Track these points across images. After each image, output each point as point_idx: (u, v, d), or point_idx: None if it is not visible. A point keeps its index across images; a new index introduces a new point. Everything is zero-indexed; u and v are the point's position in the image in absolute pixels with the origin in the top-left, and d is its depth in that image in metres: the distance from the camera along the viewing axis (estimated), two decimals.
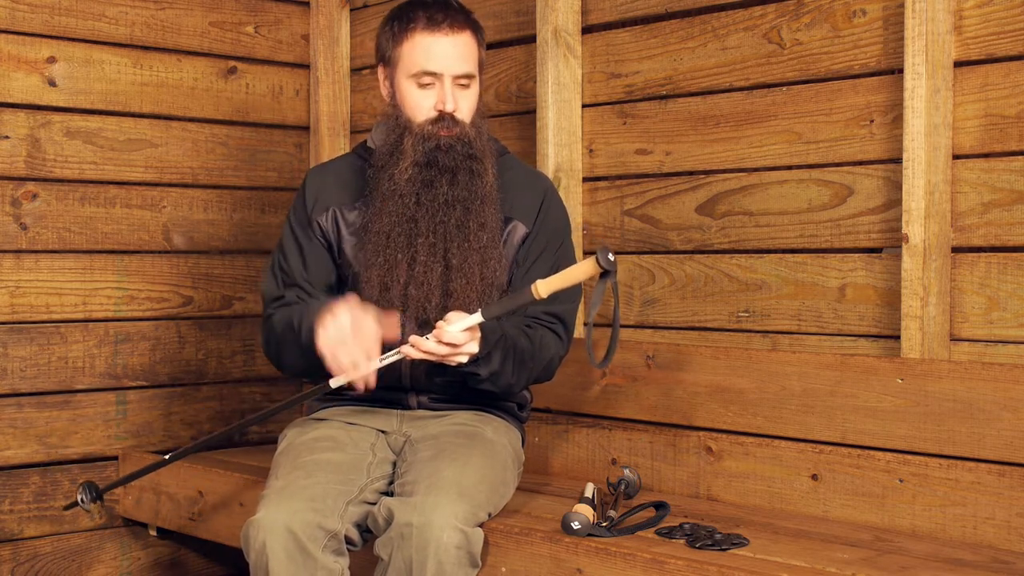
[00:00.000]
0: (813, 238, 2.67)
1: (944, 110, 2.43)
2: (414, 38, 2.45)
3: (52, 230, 3.17)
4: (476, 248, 2.42)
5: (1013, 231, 2.38)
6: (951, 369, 2.35)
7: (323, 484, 2.30)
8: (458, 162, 2.44)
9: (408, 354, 2.28)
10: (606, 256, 2.17)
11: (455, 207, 2.42)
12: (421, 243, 2.41)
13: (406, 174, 2.43)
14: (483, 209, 2.44)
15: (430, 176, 2.43)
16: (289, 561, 2.20)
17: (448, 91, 2.45)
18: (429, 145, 2.43)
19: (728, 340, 2.80)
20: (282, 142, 3.61)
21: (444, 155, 2.43)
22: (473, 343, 2.28)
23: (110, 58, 3.25)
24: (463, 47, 2.46)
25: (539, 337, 2.46)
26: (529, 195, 2.57)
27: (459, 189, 2.43)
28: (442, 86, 2.45)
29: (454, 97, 2.45)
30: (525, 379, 2.46)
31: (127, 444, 3.31)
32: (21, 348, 3.13)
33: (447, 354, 2.27)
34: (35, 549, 3.18)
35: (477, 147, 2.46)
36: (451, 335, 2.25)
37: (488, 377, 2.38)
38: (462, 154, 2.44)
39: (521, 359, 2.41)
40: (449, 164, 2.43)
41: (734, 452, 2.66)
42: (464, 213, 2.43)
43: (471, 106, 2.49)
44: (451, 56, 2.44)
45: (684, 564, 2.11)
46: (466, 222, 2.43)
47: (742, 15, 2.77)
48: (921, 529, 2.38)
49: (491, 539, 2.33)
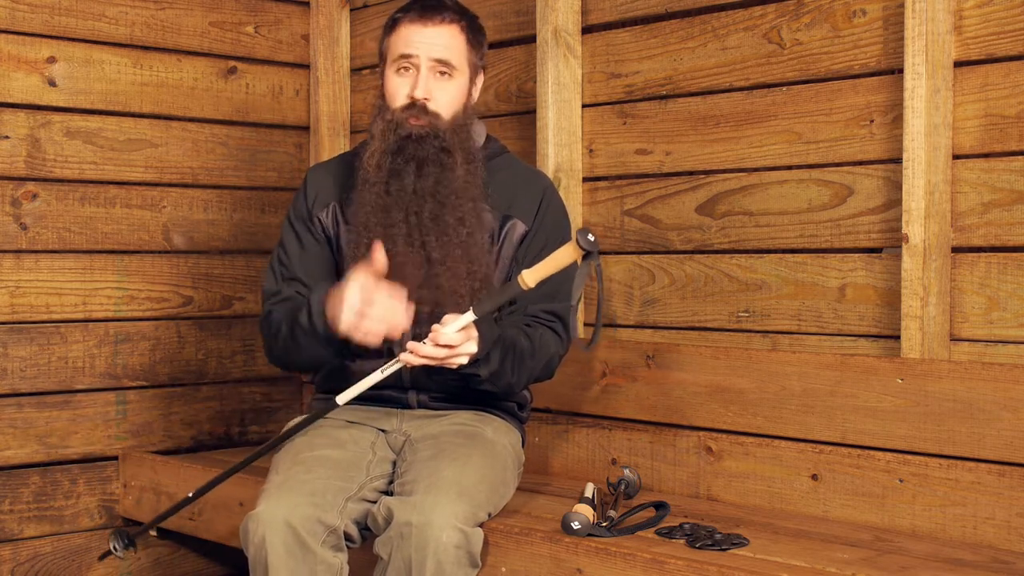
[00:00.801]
0: (813, 238, 2.67)
1: (944, 110, 2.43)
2: (400, 28, 2.48)
3: (52, 230, 3.17)
4: (457, 243, 2.42)
5: (1013, 231, 2.38)
6: (951, 369, 2.35)
7: (323, 480, 2.30)
8: (427, 153, 2.43)
9: (408, 361, 2.28)
10: (586, 237, 2.17)
11: (426, 199, 2.42)
12: (395, 232, 2.41)
13: (374, 159, 2.45)
14: (460, 203, 2.43)
15: (397, 165, 2.43)
16: (288, 555, 2.20)
17: (423, 77, 2.44)
18: (400, 133, 2.43)
19: (728, 340, 2.80)
20: (282, 142, 3.61)
21: (412, 144, 2.43)
22: (471, 343, 2.28)
23: (110, 58, 3.25)
24: (446, 37, 2.46)
25: (538, 336, 2.46)
26: (528, 193, 2.57)
27: (427, 181, 2.42)
28: (417, 72, 2.45)
29: (427, 86, 2.44)
30: (526, 378, 2.46)
31: (127, 444, 3.31)
32: (21, 348, 3.13)
33: (445, 356, 2.27)
34: (35, 549, 3.18)
35: (449, 141, 2.44)
36: (447, 336, 2.25)
37: (488, 377, 2.38)
38: (432, 146, 2.43)
39: (521, 358, 2.41)
40: (416, 154, 2.43)
41: (734, 452, 2.66)
42: (438, 206, 2.42)
43: (450, 99, 2.47)
44: (429, 41, 2.44)
45: (684, 564, 2.11)
46: (442, 215, 2.42)
47: (742, 15, 2.77)
48: (921, 529, 2.38)
49: (491, 539, 2.33)
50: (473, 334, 2.29)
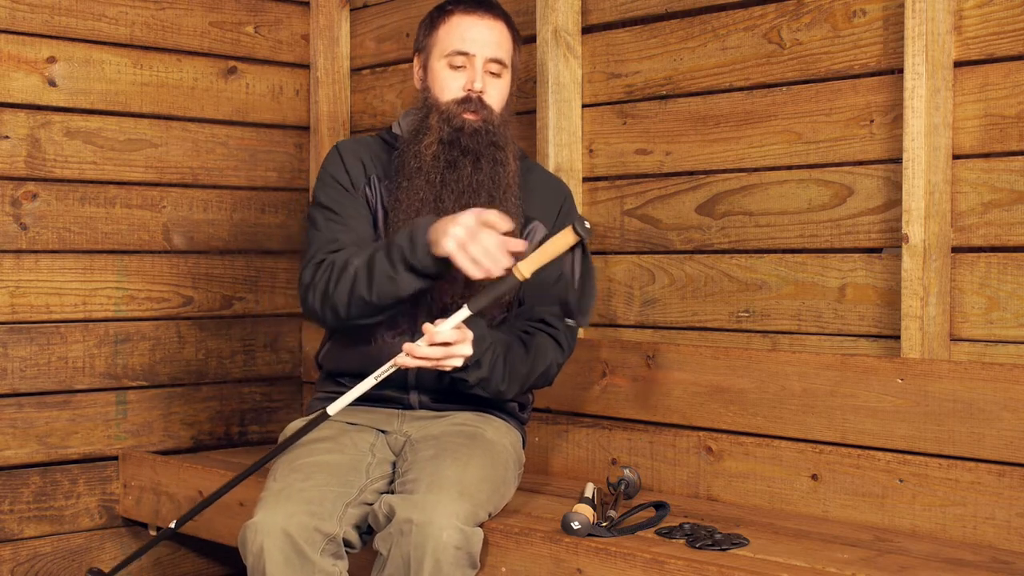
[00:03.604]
0: (813, 238, 2.67)
1: (944, 110, 2.43)
2: (451, 20, 2.51)
3: (52, 230, 3.17)
4: None
5: (1013, 231, 2.38)
6: (951, 369, 2.35)
7: (321, 487, 2.29)
8: (482, 148, 2.46)
9: (403, 363, 2.27)
10: (583, 224, 2.20)
11: (479, 193, 2.44)
12: None
13: (431, 150, 2.46)
14: (506, 199, 2.47)
15: (453, 157, 2.45)
16: (287, 565, 2.20)
17: (479, 72, 2.49)
18: (454, 124, 2.46)
19: (728, 340, 2.80)
20: (282, 142, 3.61)
21: (468, 138, 2.46)
22: (466, 344, 2.28)
23: (110, 58, 3.25)
24: (498, 34, 2.51)
25: (536, 344, 2.46)
26: (550, 198, 2.61)
27: (482, 175, 2.45)
28: (473, 68, 2.49)
29: (483, 81, 2.48)
30: (518, 386, 2.45)
31: (127, 444, 3.31)
32: (21, 348, 3.13)
33: (442, 356, 2.27)
34: (35, 549, 3.18)
35: (501, 136, 2.49)
36: (442, 334, 2.25)
37: (477, 383, 2.38)
38: (486, 140, 2.47)
39: (513, 366, 2.41)
40: (472, 147, 2.46)
41: (734, 452, 2.66)
42: (489, 201, 2.44)
43: (500, 97, 2.52)
44: (485, 39, 2.49)
45: (684, 564, 2.11)
46: (492, 209, 2.43)
47: (742, 15, 2.77)
48: (921, 529, 2.38)
49: (491, 539, 2.33)
50: (468, 335, 2.29)
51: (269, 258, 3.58)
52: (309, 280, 2.43)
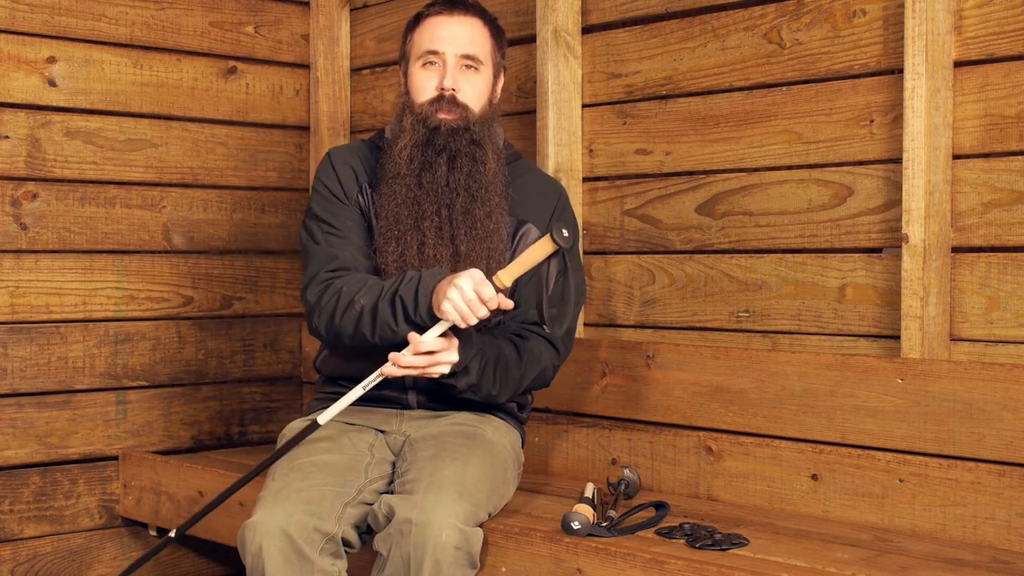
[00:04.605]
0: (813, 238, 2.67)
1: (944, 110, 2.43)
2: (424, 23, 2.52)
3: (52, 230, 3.17)
4: (483, 237, 2.43)
5: (1013, 231, 2.38)
6: (951, 369, 2.35)
7: (320, 487, 2.29)
8: (459, 146, 2.45)
9: (390, 373, 2.28)
10: (560, 233, 2.19)
11: (458, 192, 2.43)
12: (427, 226, 2.42)
13: (404, 153, 2.45)
14: (489, 198, 2.45)
15: (428, 158, 2.44)
16: (286, 564, 2.20)
17: (450, 69, 2.47)
18: (429, 125, 2.45)
19: (728, 340, 2.80)
20: (282, 142, 3.61)
21: (443, 137, 2.44)
22: (452, 352, 2.29)
23: (110, 58, 3.25)
24: (470, 30, 2.50)
25: (529, 348, 2.45)
26: (543, 200, 2.59)
27: (460, 174, 2.44)
28: (444, 65, 2.48)
29: (455, 77, 2.47)
30: (511, 390, 2.45)
31: (127, 444, 3.31)
32: (21, 348, 3.13)
33: (427, 364, 2.28)
34: (35, 549, 3.18)
35: (479, 133, 2.46)
36: (426, 344, 2.25)
37: (466, 389, 2.38)
38: (463, 139, 2.45)
39: (505, 369, 2.41)
40: (448, 146, 2.44)
41: (734, 452, 2.66)
42: (469, 200, 2.44)
43: (477, 93, 2.50)
44: (455, 36, 2.48)
45: (684, 564, 2.11)
46: (472, 209, 2.43)
47: (742, 15, 2.77)
48: (921, 529, 2.38)
49: (491, 539, 2.33)
50: (454, 342, 2.30)
51: (269, 258, 3.58)
52: (315, 301, 2.44)
